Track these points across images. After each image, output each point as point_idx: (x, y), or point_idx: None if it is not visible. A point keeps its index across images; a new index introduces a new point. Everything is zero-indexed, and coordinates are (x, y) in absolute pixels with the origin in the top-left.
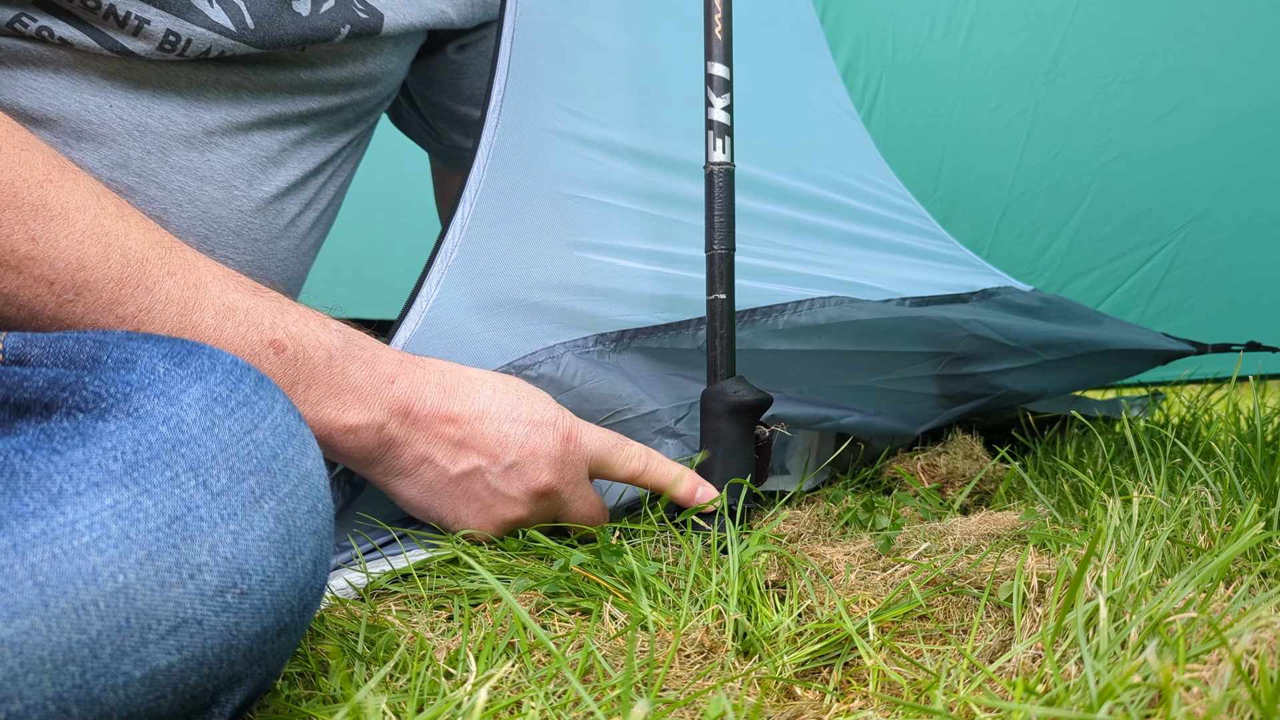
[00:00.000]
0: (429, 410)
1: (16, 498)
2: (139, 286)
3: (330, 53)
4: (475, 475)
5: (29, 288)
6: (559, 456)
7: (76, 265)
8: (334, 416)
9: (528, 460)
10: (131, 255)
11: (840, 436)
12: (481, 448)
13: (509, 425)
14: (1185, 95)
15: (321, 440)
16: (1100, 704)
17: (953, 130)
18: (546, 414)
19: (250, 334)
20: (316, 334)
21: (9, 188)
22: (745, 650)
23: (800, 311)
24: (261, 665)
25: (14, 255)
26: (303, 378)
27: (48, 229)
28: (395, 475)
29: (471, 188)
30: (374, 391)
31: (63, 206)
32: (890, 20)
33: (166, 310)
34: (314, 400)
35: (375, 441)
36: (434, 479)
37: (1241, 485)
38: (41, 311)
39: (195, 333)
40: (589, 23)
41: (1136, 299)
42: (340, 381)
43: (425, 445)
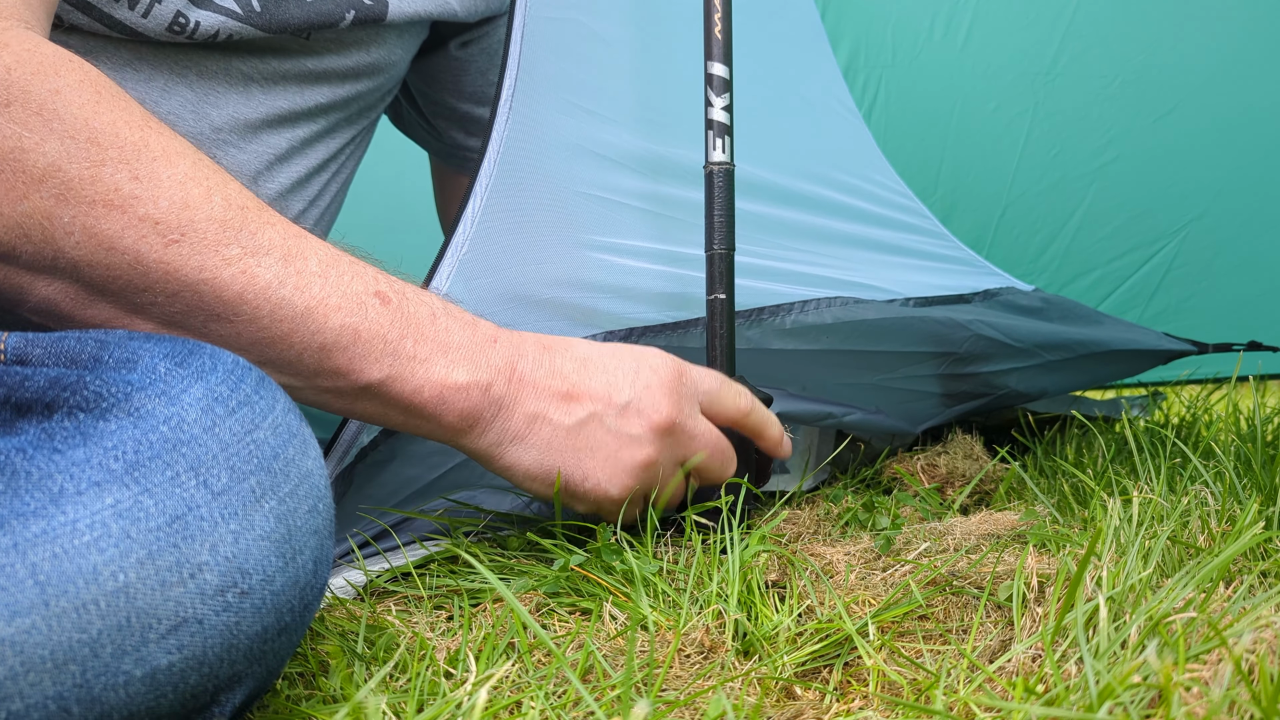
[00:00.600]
0: (533, 366)
1: (18, 497)
2: (242, 230)
3: (335, 40)
4: (592, 422)
5: (134, 229)
6: (673, 387)
7: (181, 204)
8: (444, 374)
9: (643, 394)
10: (233, 200)
11: (840, 436)
12: (592, 393)
13: (615, 366)
14: (1185, 95)
15: (431, 405)
16: (1100, 704)
17: (952, 130)
18: (649, 353)
19: (355, 283)
20: (418, 294)
21: (110, 128)
22: (745, 650)
23: (807, 311)
24: (262, 665)
25: (118, 194)
26: (410, 331)
27: (151, 168)
28: (509, 442)
29: (482, 183)
30: (479, 350)
31: (164, 149)
32: (890, 20)
33: (271, 254)
34: (423, 356)
35: (484, 402)
36: (550, 436)
37: (1241, 485)
38: (147, 255)
39: (300, 278)
40: (598, 19)
41: (1136, 299)
42: (445, 339)
43: (535, 402)
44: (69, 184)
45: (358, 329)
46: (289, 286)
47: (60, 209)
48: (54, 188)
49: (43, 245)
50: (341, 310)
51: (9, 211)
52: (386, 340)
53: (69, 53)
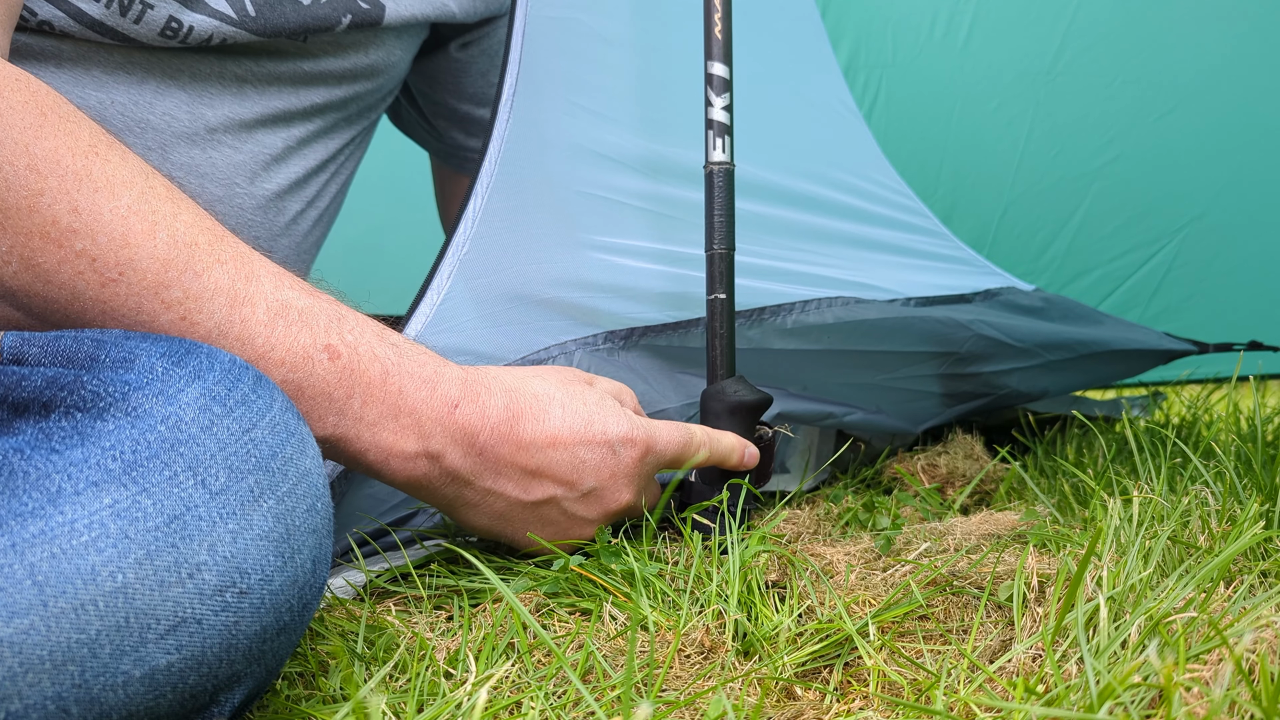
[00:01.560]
0: (497, 438)
1: (15, 497)
2: (186, 270)
3: (332, 43)
4: (551, 504)
5: (70, 264)
6: (636, 473)
7: (120, 241)
8: (392, 441)
9: (607, 484)
10: (180, 237)
11: (841, 436)
12: (557, 476)
13: (584, 450)
14: (1186, 95)
15: (378, 466)
16: (1100, 704)
17: (953, 130)
18: (620, 428)
19: (304, 335)
20: (372, 345)
21: (52, 155)
22: (745, 650)
23: (808, 311)
24: (261, 664)
25: (55, 226)
26: (359, 390)
27: (91, 200)
28: (462, 506)
29: (484, 182)
30: (435, 418)
31: (108, 179)
32: (891, 19)
33: (215, 300)
34: (371, 420)
35: (435, 471)
36: (505, 509)
37: (1242, 485)
38: (84, 292)
39: (244, 327)
40: (599, 18)
41: (1137, 298)
42: (398, 402)
43: (493, 479)
44: (6, 212)
45: (301, 386)
46: (230, 337)
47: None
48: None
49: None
50: (284, 365)
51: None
52: (332, 399)
53: (18, 71)
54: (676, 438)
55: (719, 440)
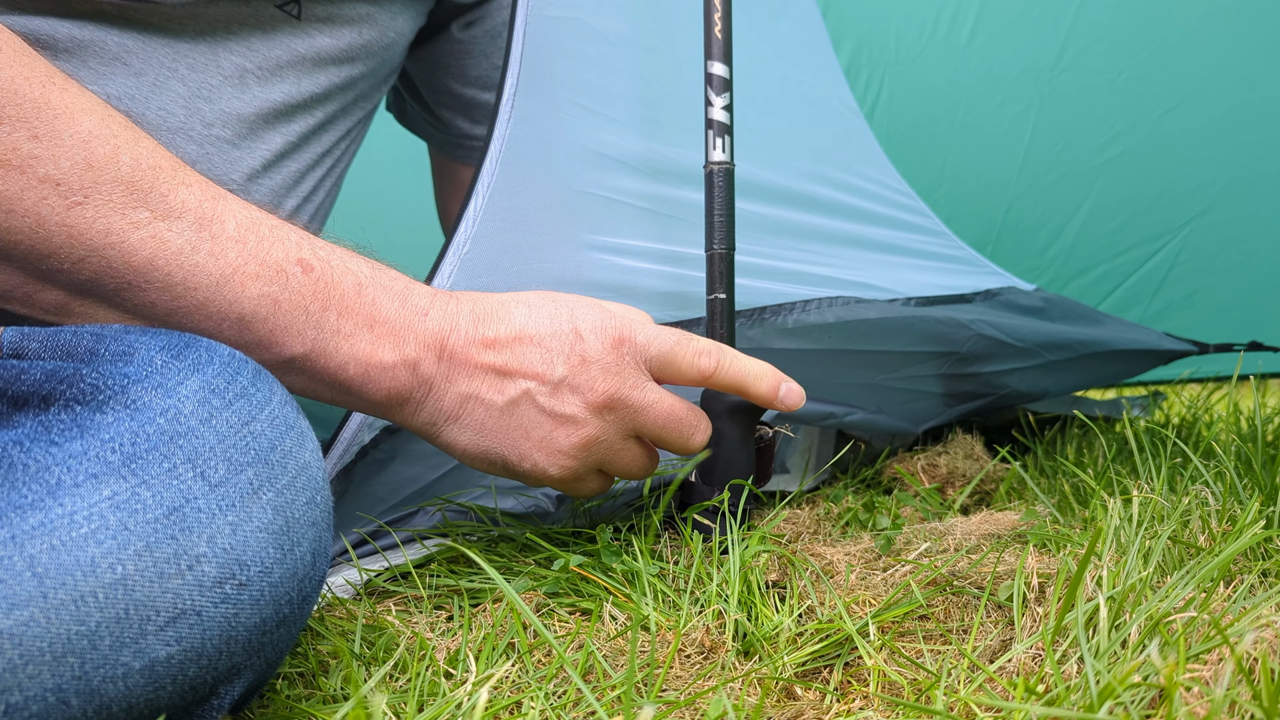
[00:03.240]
0: (464, 340)
1: (15, 489)
2: (152, 191)
3: (326, 18)
4: (525, 400)
5: (33, 190)
6: (613, 361)
7: (84, 165)
8: (369, 351)
9: (577, 370)
10: (143, 160)
11: (841, 437)
12: (525, 369)
13: (551, 339)
14: (1191, 90)
15: (357, 382)
16: (1100, 704)
17: (957, 127)
18: (589, 318)
19: (276, 250)
20: (344, 260)
21: (9, 84)
22: (745, 650)
23: (809, 310)
24: (260, 657)
25: (16, 154)
26: (334, 303)
27: (51, 126)
28: (443, 422)
29: (484, 181)
30: (407, 325)
31: (67, 106)
32: (893, 17)
33: (184, 218)
34: (347, 331)
35: (413, 381)
36: (484, 416)
37: (1242, 485)
38: (49, 217)
39: (215, 244)
40: (600, 17)
41: (1140, 295)
42: (372, 313)
43: (466, 381)
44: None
45: (277, 299)
46: (202, 252)
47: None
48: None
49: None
50: (260, 279)
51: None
52: (309, 312)
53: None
54: (666, 333)
55: (736, 358)
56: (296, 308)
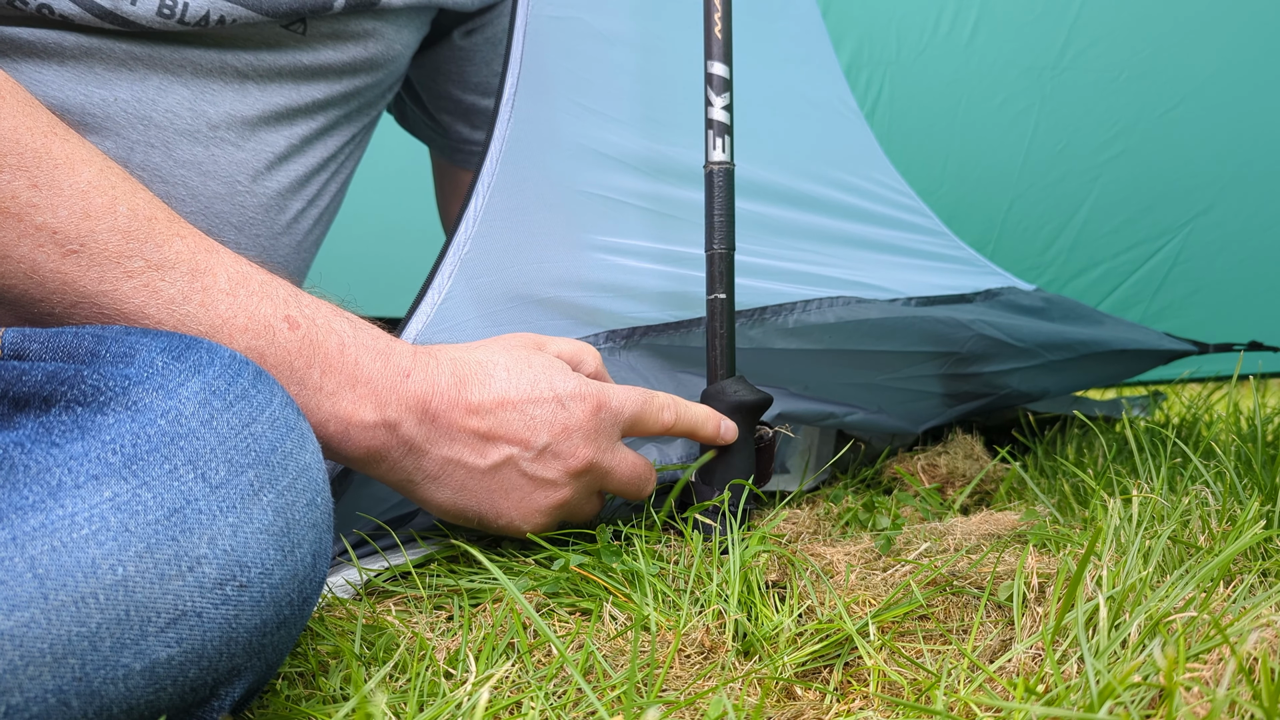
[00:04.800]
0: (447, 404)
1: (16, 490)
2: (147, 241)
3: (331, 35)
4: (508, 465)
5: (30, 237)
6: (592, 428)
7: (81, 214)
8: (350, 410)
9: (560, 439)
10: (139, 211)
11: (841, 437)
12: (509, 435)
13: (534, 407)
14: (1192, 89)
15: (336, 439)
16: (1100, 704)
17: (958, 126)
18: (568, 385)
19: (264, 306)
20: (329, 318)
21: (11, 134)
22: (745, 650)
23: (810, 310)
24: (261, 658)
25: (15, 201)
26: (318, 361)
27: (51, 176)
28: (421, 480)
29: (484, 181)
30: (389, 387)
31: (67, 157)
32: (894, 16)
33: (177, 269)
34: (330, 390)
35: (392, 441)
36: (465, 478)
37: (1242, 485)
38: (43, 264)
39: (206, 295)
40: (600, 17)
41: (1141, 294)
42: (355, 372)
43: (449, 445)
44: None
45: (263, 353)
46: (194, 303)
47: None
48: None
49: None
50: (248, 332)
51: None
52: (293, 368)
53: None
54: (634, 396)
55: (687, 408)
56: (281, 363)
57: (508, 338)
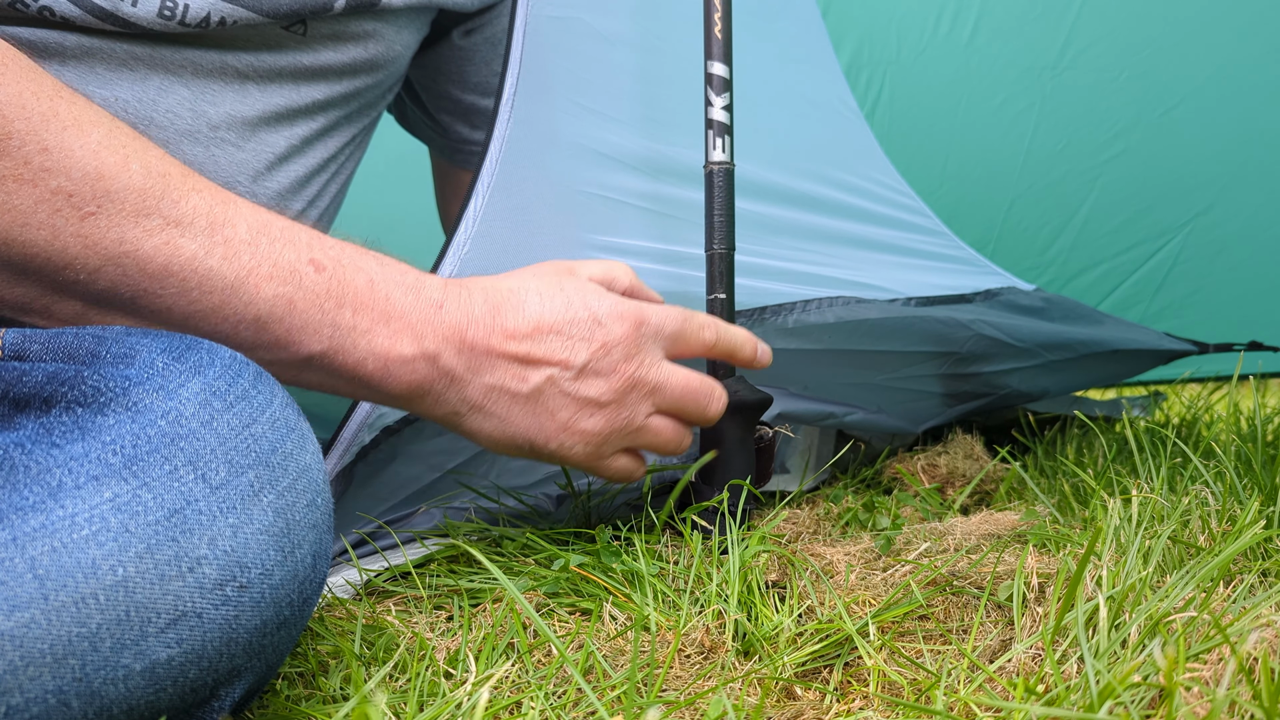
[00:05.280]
0: (484, 331)
1: (16, 491)
2: (164, 198)
3: (331, 36)
4: (550, 387)
5: (47, 202)
6: (632, 344)
7: (95, 175)
8: (387, 346)
9: (600, 356)
10: (153, 168)
11: (841, 437)
12: (549, 357)
13: (571, 327)
14: (1192, 89)
15: (377, 377)
16: (1100, 704)
17: (958, 126)
18: (604, 304)
19: (287, 251)
20: (354, 258)
21: (17, 99)
22: (745, 650)
23: (809, 310)
24: (261, 659)
25: (28, 167)
26: (348, 300)
27: (61, 138)
28: (467, 411)
29: (484, 181)
30: (423, 319)
31: (75, 119)
32: (895, 16)
33: (196, 223)
34: (364, 328)
35: (433, 373)
36: (508, 406)
37: (1242, 485)
38: (63, 228)
39: (228, 247)
40: (600, 17)
41: (1141, 294)
42: (387, 308)
43: (489, 372)
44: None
45: (292, 299)
46: (216, 256)
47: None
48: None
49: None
50: (274, 280)
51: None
52: (324, 310)
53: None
54: (673, 313)
55: (727, 329)
56: (311, 306)
57: (537, 266)
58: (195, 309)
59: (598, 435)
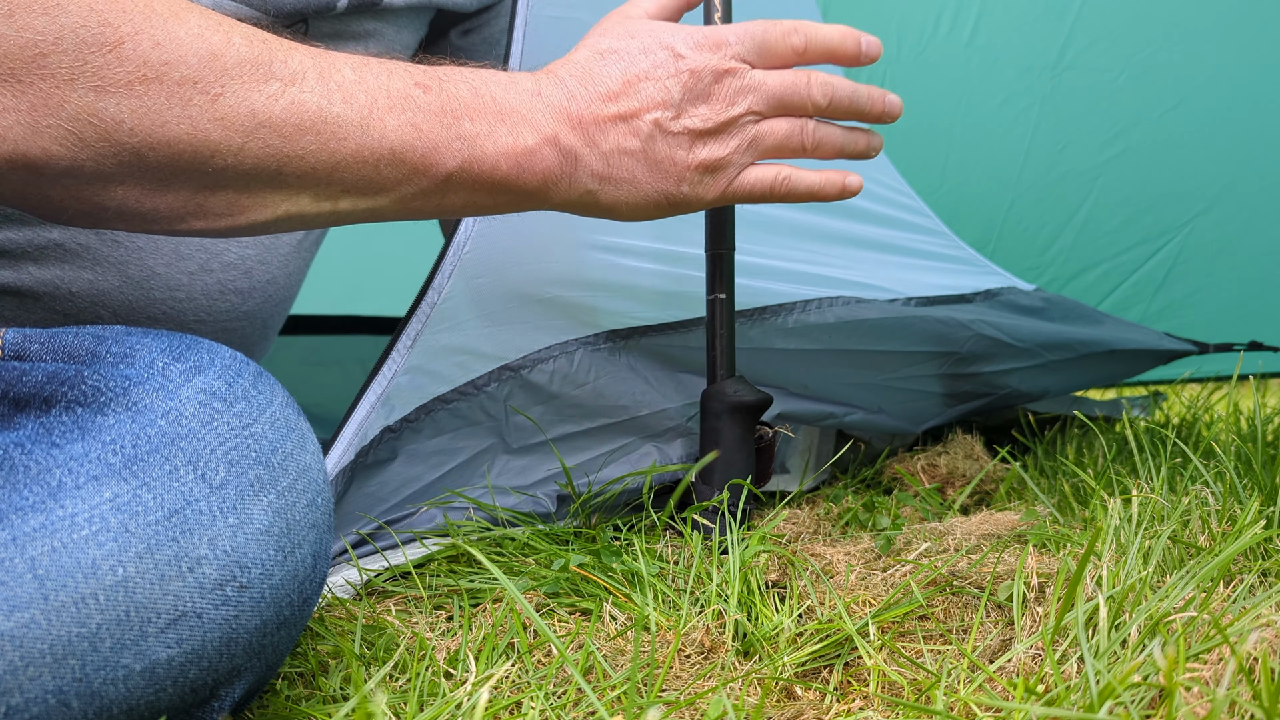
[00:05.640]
0: (585, 102)
1: (16, 491)
2: (273, 61)
3: (332, 35)
4: (657, 132)
5: (178, 94)
6: (716, 62)
7: (209, 56)
8: (511, 142)
9: (691, 84)
10: (252, 37)
11: (841, 437)
12: (646, 104)
13: (656, 69)
14: (1192, 89)
15: (513, 175)
16: (1100, 704)
17: (958, 126)
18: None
19: (393, 80)
20: (449, 73)
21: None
22: (745, 650)
23: (809, 311)
24: (261, 659)
25: (148, 66)
26: (463, 111)
27: (167, 30)
28: (599, 186)
29: None
30: (531, 108)
31: (169, 8)
32: (895, 16)
33: (307, 77)
34: (485, 132)
35: (559, 157)
36: (631, 165)
37: (1242, 485)
38: (200, 115)
39: (344, 91)
40: (599, 18)
41: (1141, 294)
42: (497, 107)
43: (604, 138)
44: (99, 72)
45: (416, 123)
46: (338, 103)
47: (102, 101)
48: (87, 82)
49: (100, 145)
50: (394, 110)
51: (55, 122)
52: (446, 125)
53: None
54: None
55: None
56: (436, 125)
57: (600, 25)
58: (336, 159)
59: (721, 160)
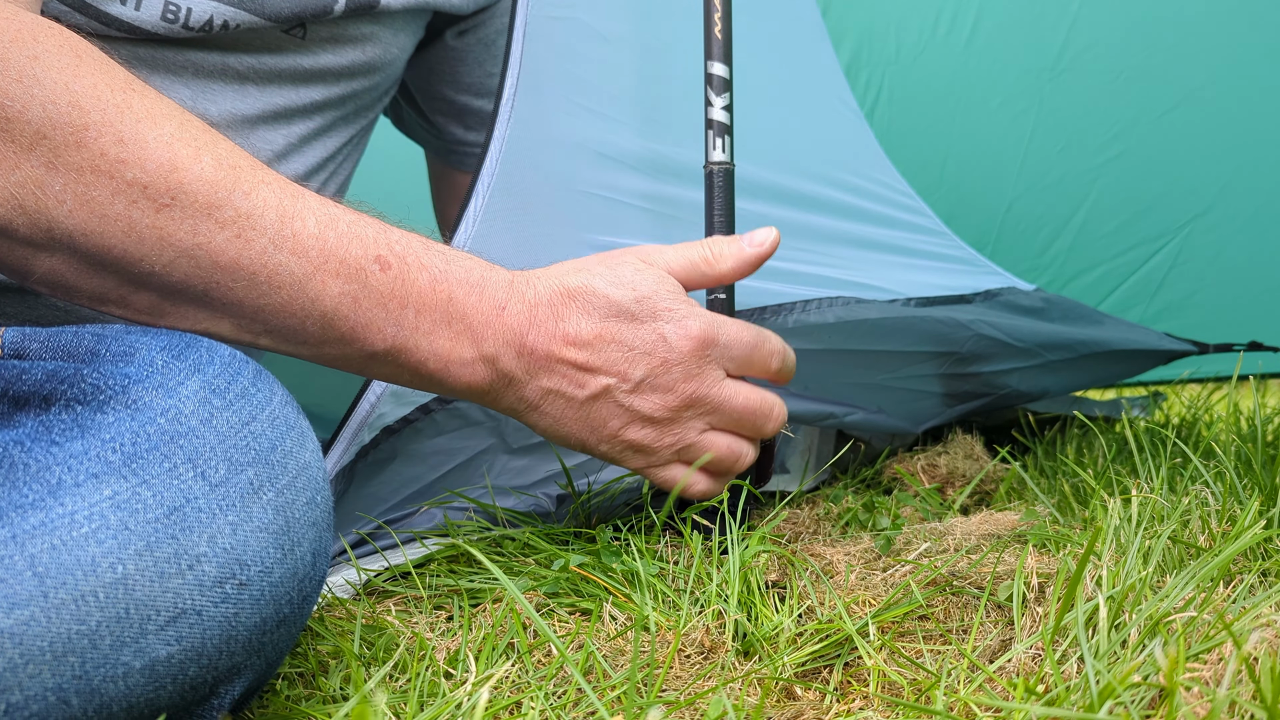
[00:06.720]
0: (544, 337)
1: (16, 489)
2: (235, 190)
3: (330, 39)
4: (605, 396)
5: (123, 194)
6: (695, 363)
7: (169, 167)
8: (448, 348)
9: (659, 372)
10: (224, 160)
11: (841, 437)
12: (607, 367)
13: (634, 337)
14: (1190, 90)
15: (437, 376)
16: (1100, 704)
17: (957, 127)
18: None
19: (354, 247)
20: (419, 254)
21: (92, 91)
22: (745, 651)
23: (809, 310)
24: (261, 657)
25: (104, 159)
26: (411, 301)
27: (135, 130)
28: (524, 410)
29: (484, 182)
30: (485, 322)
31: (148, 110)
32: (894, 17)
33: (266, 216)
34: (426, 329)
35: (492, 375)
36: (564, 408)
37: (1242, 485)
38: (139, 221)
39: (296, 241)
40: (599, 18)
41: (1139, 295)
42: (448, 309)
43: (547, 377)
44: (56, 150)
45: (357, 297)
46: (285, 251)
47: (51, 177)
48: (42, 155)
49: (37, 216)
50: (340, 276)
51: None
52: (388, 310)
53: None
54: (746, 337)
55: (792, 357)
56: (376, 305)
57: (613, 255)
58: (264, 303)
59: (651, 447)
